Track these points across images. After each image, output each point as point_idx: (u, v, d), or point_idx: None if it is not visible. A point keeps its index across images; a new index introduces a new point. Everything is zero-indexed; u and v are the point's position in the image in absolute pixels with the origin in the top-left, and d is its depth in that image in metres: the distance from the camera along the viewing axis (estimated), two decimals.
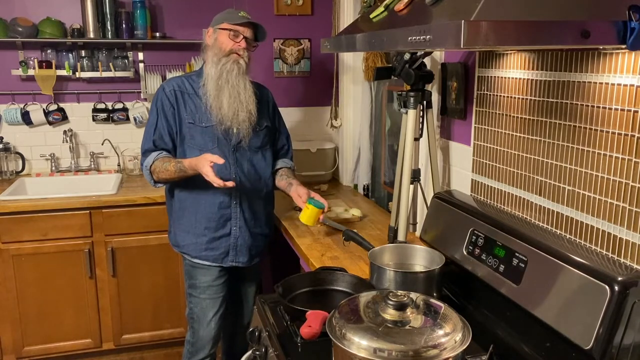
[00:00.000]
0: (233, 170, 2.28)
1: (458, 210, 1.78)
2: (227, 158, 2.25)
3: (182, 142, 2.28)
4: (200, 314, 2.35)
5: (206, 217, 2.29)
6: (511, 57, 1.66)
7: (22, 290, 2.94)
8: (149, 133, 2.27)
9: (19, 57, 3.27)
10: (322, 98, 3.43)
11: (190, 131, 2.26)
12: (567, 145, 1.47)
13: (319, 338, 1.43)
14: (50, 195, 2.95)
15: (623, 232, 1.31)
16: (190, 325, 2.40)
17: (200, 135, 2.26)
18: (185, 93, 2.29)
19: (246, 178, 2.32)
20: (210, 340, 2.38)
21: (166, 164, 2.20)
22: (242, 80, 2.23)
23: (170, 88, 2.28)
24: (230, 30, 2.21)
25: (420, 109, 2.03)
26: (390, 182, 2.97)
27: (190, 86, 2.30)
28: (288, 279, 1.76)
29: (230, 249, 2.33)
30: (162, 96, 2.27)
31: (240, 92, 2.22)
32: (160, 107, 2.26)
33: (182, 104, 2.27)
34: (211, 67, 2.23)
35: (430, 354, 1.10)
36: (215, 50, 2.23)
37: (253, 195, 2.35)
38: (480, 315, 1.61)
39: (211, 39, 2.26)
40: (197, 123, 2.26)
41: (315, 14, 3.32)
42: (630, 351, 1.21)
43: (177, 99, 2.27)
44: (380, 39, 1.38)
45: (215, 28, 2.25)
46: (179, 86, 2.29)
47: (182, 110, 2.27)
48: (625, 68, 1.28)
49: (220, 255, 2.32)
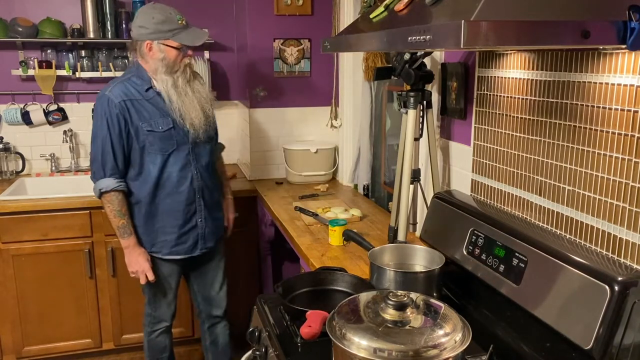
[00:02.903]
0: (194, 166, 2.38)
1: (458, 210, 1.78)
2: (188, 156, 2.36)
3: (141, 151, 2.29)
4: (161, 295, 2.51)
5: (174, 216, 2.38)
6: (511, 57, 1.66)
7: (22, 290, 2.95)
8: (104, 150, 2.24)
9: (19, 57, 3.27)
10: (322, 98, 3.43)
11: (148, 138, 2.27)
12: (567, 145, 1.47)
13: (319, 338, 1.43)
14: (50, 195, 2.95)
15: (623, 232, 1.31)
16: (151, 302, 2.53)
17: (160, 140, 2.29)
18: (134, 100, 2.26)
19: (204, 170, 2.43)
20: (170, 312, 2.56)
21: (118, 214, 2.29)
22: (197, 80, 2.38)
23: (118, 99, 2.23)
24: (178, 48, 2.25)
25: (420, 109, 2.02)
26: (390, 182, 2.97)
27: (136, 91, 2.28)
28: (288, 279, 1.76)
29: (199, 238, 2.46)
30: (112, 109, 2.23)
31: (201, 91, 2.37)
32: (111, 121, 2.23)
33: (134, 113, 2.25)
34: (163, 78, 2.27)
35: (430, 354, 1.10)
36: (163, 64, 2.25)
37: (211, 185, 2.48)
38: (480, 315, 1.61)
39: (155, 56, 2.25)
40: (154, 129, 2.28)
41: (315, 14, 3.32)
42: (630, 351, 1.21)
43: (129, 108, 2.25)
44: (380, 39, 1.38)
45: (159, 45, 2.24)
46: (126, 95, 2.25)
47: (136, 119, 2.26)
48: (625, 68, 1.28)
49: (189, 247, 2.45)
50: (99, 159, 2.26)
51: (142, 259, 2.35)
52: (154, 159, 2.30)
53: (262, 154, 3.40)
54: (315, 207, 2.71)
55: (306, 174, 3.29)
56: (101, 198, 2.30)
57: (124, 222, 2.31)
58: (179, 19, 2.27)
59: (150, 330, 2.58)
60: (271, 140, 3.39)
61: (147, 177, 2.32)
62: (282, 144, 3.38)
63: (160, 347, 2.60)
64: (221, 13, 3.62)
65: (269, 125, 3.37)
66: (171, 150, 2.31)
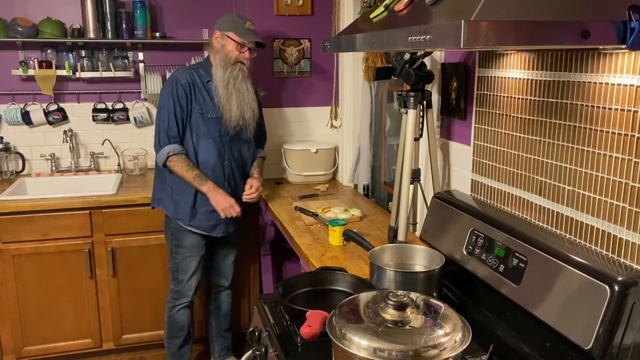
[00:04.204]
0: (227, 156, 2.66)
1: (458, 210, 1.78)
2: (224, 145, 2.64)
3: (189, 128, 2.60)
4: (185, 268, 2.71)
5: (204, 196, 2.61)
6: (511, 57, 1.66)
7: (22, 290, 2.94)
8: (169, 120, 2.55)
9: (19, 57, 3.27)
10: (322, 98, 3.43)
11: (197, 120, 2.59)
12: (567, 145, 1.47)
13: (319, 338, 1.43)
14: (50, 195, 2.95)
15: (623, 232, 1.31)
16: (175, 277, 2.73)
17: (205, 125, 2.59)
18: (196, 85, 2.59)
19: (235, 163, 2.70)
20: (191, 289, 2.74)
21: (189, 168, 2.56)
22: (245, 84, 2.60)
23: (185, 80, 2.57)
24: (235, 41, 2.53)
25: (420, 109, 2.03)
26: (390, 182, 2.97)
27: (199, 80, 2.60)
28: (288, 279, 1.76)
29: (222, 222, 2.67)
30: (179, 87, 2.55)
31: (245, 95, 2.59)
32: (176, 97, 2.55)
33: (193, 95, 2.58)
34: (218, 71, 2.56)
35: (430, 354, 1.10)
36: (222, 55, 2.57)
37: (239, 178, 2.72)
38: (480, 315, 1.61)
39: (218, 43, 2.58)
40: (204, 114, 2.59)
41: (315, 14, 3.32)
42: (630, 351, 1.21)
43: (191, 90, 2.57)
44: (380, 39, 1.38)
45: (223, 34, 2.56)
46: (192, 79, 2.59)
47: (194, 101, 2.58)
48: (625, 68, 1.28)
49: (210, 226, 2.67)
50: (165, 127, 2.56)
51: (227, 196, 2.59)
52: (195, 137, 2.59)
53: None
54: (315, 207, 2.71)
55: (306, 174, 3.29)
56: (167, 163, 2.57)
57: (197, 172, 2.57)
58: (248, 23, 2.57)
59: (171, 305, 2.76)
60: (271, 140, 3.39)
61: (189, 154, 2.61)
62: (282, 144, 3.38)
63: (180, 324, 2.78)
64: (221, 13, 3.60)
65: (269, 125, 3.36)
66: (213, 135, 2.59)
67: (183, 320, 2.77)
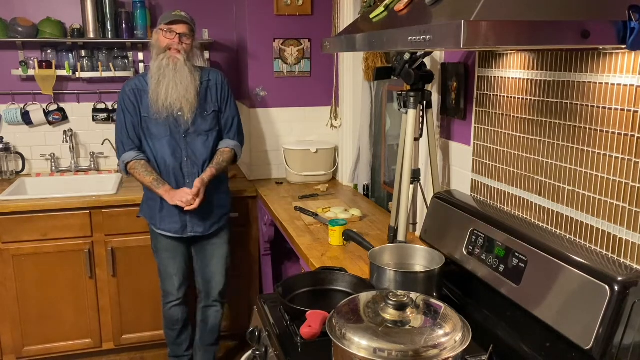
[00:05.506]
0: (184, 154, 2.61)
1: (458, 210, 1.78)
2: (179, 143, 2.60)
3: (142, 133, 2.61)
4: (165, 270, 2.75)
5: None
6: (511, 57, 1.66)
7: (22, 290, 2.94)
8: (121, 130, 2.60)
9: (19, 57, 3.27)
10: (322, 98, 3.43)
11: (146, 123, 2.60)
12: (567, 145, 1.47)
13: (319, 338, 1.43)
14: (50, 195, 2.95)
15: (623, 232, 1.31)
16: (160, 277, 2.78)
17: (155, 126, 2.59)
18: (142, 90, 2.60)
19: (193, 160, 2.63)
20: (175, 290, 2.76)
21: (147, 174, 2.57)
22: (180, 72, 2.52)
23: (129, 87, 2.61)
24: (163, 30, 2.52)
25: (420, 109, 2.02)
26: (390, 182, 2.97)
27: (145, 83, 2.60)
28: (288, 279, 1.76)
29: (188, 222, 2.65)
30: (124, 95, 2.60)
31: (178, 83, 2.51)
32: (124, 105, 2.60)
33: (139, 100, 2.60)
34: (152, 63, 2.57)
35: (430, 354, 1.10)
36: (155, 48, 2.57)
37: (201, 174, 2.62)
38: (480, 315, 1.61)
39: (153, 39, 2.60)
40: (150, 116, 2.58)
41: (315, 14, 3.32)
42: (630, 351, 1.21)
43: (136, 95, 2.60)
44: (380, 39, 1.38)
45: (155, 30, 2.59)
46: (136, 85, 2.61)
47: (140, 106, 2.60)
48: (625, 68, 1.28)
49: (179, 228, 2.66)
50: (120, 136, 2.60)
51: (182, 192, 2.54)
52: (150, 142, 2.60)
53: (262, 154, 3.40)
54: (315, 207, 2.71)
55: (306, 174, 3.29)
56: (128, 170, 2.60)
57: (155, 177, 2.57)
58: (176, 12, 2.55)
59: (164, 302, 2.82)
60: (271, 140, 3.39)
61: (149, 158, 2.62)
62: (282, 144, 3.38)
63: (174, 319, 2.82)
64: (221, 13, 3.62)
65: (269, 125, 3.37)
66: (164, 136, 2.58)
67: (176, 315, 2.80)
